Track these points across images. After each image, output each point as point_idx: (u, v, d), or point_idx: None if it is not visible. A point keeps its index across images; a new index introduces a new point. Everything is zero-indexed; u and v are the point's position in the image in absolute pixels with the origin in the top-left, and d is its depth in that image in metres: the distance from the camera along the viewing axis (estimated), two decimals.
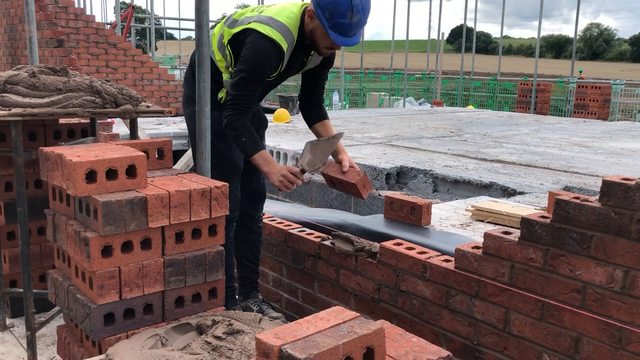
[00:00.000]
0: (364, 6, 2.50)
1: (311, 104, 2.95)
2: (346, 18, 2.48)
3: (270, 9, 2.67)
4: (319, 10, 2.51)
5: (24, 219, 2.57)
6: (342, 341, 1.31)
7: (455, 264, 2.34)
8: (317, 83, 2.93)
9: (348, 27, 2.51)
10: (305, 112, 2.98)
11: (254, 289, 3.07)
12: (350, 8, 2.47)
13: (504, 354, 2.21)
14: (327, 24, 2.51)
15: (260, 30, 2.56)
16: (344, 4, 2.46)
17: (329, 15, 2.49)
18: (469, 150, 7.41)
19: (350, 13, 2.47)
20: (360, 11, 2.49)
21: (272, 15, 2.62)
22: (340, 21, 2.49)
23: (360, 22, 2.53)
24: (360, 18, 2.51)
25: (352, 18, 2.49)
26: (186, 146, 8.08)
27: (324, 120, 2.95)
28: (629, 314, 1.86)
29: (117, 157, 2.05)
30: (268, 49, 2.55)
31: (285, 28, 2.59)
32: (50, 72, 2.66)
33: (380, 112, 14.38)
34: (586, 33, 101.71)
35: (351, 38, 2.56)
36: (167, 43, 31.54)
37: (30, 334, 2.63)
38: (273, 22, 2.59)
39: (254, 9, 2.75)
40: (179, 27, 36.74)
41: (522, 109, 16.99)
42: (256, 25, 2.58)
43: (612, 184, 1.86)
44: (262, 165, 2.67)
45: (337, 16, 2.48)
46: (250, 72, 2.58)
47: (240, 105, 2.62)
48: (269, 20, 2.59)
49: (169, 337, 2.01)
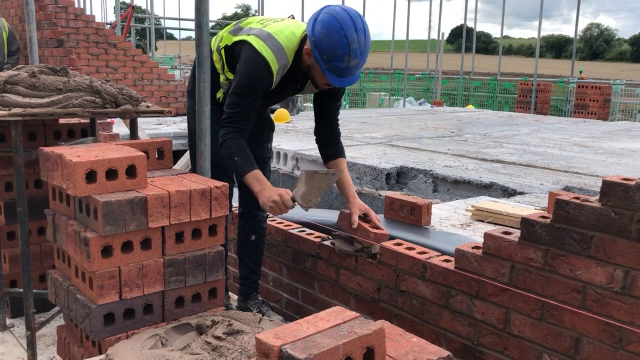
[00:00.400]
0: (362, 50, 2.44)
1: (325, 139, 2.86)
2: (344, 62, 2.43)
3: (274, 25, 2.62)
4: (316, 52, 2.45)
5: (24, 219, 2.57)
6: (342, 341, 1.31)
7: (455, 264, 2.34)
8: (326, 115, 2.84)
9: (346, 70, 2.46)
10: (319, 146, 2.90)
11: (255, 290, 3.06)
12: (348, 52, 2.41)
13: (504, 354, 2.21)
14: (324, 66, 2.46)
15: (254, 45, 2.52)
16: (341, 49, 2.40)
17: (326, 58, 2.44)
18: (469, 151, 7.41)
19: (348, 57, 2.42)
20: (358, 55, 2.43)
21: (273, 32, 2.57)
22: (337, 64, 2.44)
23: (358, 65, 2.47)
24: (358, 61, 2.45)
25: (349, 62, 2.44)
26: (186, 146, 8.09)
27: (339, 159, 2.84)
28: (629, 314, 1.86)
29: (117, 157, 2.05)
30: (260, 67, 2.51)
31: (281, 49, 2.53)
32: (50, 72, 2.66)
33: (380, 112, 14.38)
34: (586, 33, 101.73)
35: (349, 78, 2.51)
36: (167, 43, 31.54)
37: (30, 334, 2.63)
38: (270, 40, 2.54)
39: (261, 21, 2.70)
40: (179, 27, 36.79)
41: (522, 109, 16.99)
42: (253, 39, 2.55)
43: (612, 184, 1.86)
44: (253, 185, 2.58)
45: (334, 60, 2.43)
46: (244, 90, 2.54)
47: (235, 123, 2.56)
48: (266, 38, 2.54)
49: (169, 337, 2.01)
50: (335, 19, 2.42)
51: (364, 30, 2.44)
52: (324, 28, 2.43)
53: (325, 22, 2.43)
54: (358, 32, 2.42)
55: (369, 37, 2.48)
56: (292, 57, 2.57)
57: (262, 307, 2.98)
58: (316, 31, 2.45)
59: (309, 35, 2.48)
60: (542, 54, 75.68)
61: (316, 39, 2.44)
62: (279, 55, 2.53)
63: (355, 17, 2.44)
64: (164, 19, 27.20)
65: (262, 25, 2.64)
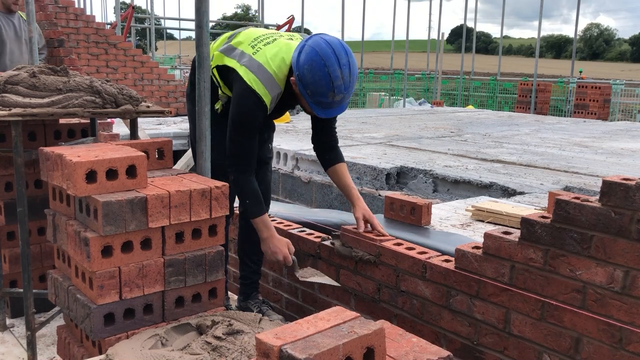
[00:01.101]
0: (346, 85, 2.41)
1: (323, 146, 2.86)
2: (328, 97, 2.42)
3: (265, 51, 2.56)
4: (301, 86, 2.44)
5: (24, 219, 2.57)
6: (342, 341, 1.31)
7: (456, 264, 2.34)
8: (324, 124, 2.83)
9: (331, 104, 2.46)
10: (318, 153, 2.90)
11: (255, 289, 3.06)
12: (332, 89, 2.39)
13: (504, 354, 2.21)
14: (309, 100, 2.46)
15: (245, 79, 2.51)
16: (325, 86, 2.39)
17: (310, 93, 2.43)
18: (469, 151, 7.41)
19: (332, 93, 2.41)
20: (342, 90, 2.41)
21: (263, 62, 2.53)
22: (322, 100, 2.44)
23: (343, 99, 2.46)
24: (343, 96, 2.44)
25: (334, 97, 2.42)
26: (186, 146, 8.09)
27: (338, 165, 2.83)
28: (629, 314, 1.86)
29: (117, 157, 2.05)
30: (252, 105, 2.51)
31: (272, 80, 2.52)
32: (51, 72, 2.66)
33: (380, 112, 14.38)
34: (586, 33, 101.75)
35: (336, 110, 2.51)
36: (167, 43, 31.55)
37: (30, 334, 2.63)
38: (261, 72, 2.51)
39: (253, 42, 2.63)
40: (179, 27, 36.78)
41: (522, 109, 16.99)
42: (244, 72, 2.52)
43: (612, 184, 1.86)
44: (261, 230, 2.66)
45: (318, 95, 2.42)
46: (241, 126, 2.56)
47: (241, 160, 2.60)
48: (257, 70, 2.51)
49: (169, 337, 2.01)
50: (318, 54, 2.38)
51: (348, 65, 2.40)
52: (306, 64, 2.40)
53: (308, 58, 2.40)
54: (342, 67, 2.38)
55: (354, 70, 2.44)
56: (284, 84, 2.55)
57: (262, 307, 2.98)
58: (300, 65, 2.42)
59: (294, 68, 2.46)
60: (542, 54, 75.68)
61: (300, 73, 2.43)
62: (271, 86, 2.52)
63: (339, 51, 2.40)
64: (164, 19, 27.21)
65: (253, 50, 2.58)
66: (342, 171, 2.84)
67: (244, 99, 2.53)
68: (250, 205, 2.64)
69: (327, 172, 2.89)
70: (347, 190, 2.82)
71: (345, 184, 2.82)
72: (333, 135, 2.87)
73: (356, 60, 2.50)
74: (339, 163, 2.85)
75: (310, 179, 6.52)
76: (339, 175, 2.84)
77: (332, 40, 2.44)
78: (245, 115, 2.54)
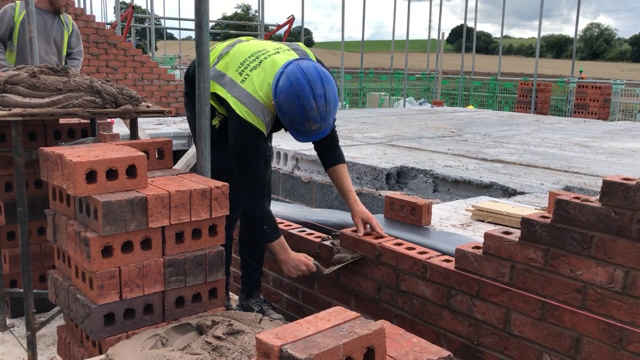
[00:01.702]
0: (322, 115, 2.42)
1: (323, 145, 2.86)
2: (304, 126, 2.44)
3: (253, 78, 2.55)
4: (279, 114, 2.47)
5: (24, 219, 2.57)
6: (342, 341, 1.31)
7: (456, 264, 2.34)
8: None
9: (309, 132, 2.47)
10: (318, 152, 2.90)
11: (256, 288, 3.07)
12: (307, 119, 2.41)
13: (505, 354, 2.20)
14: (288, 127, 2.50)
15: (237, 112, 2.53)
16: (300, 116, 2.40)
17: (288, 121, 2.46)
18: (469, 150, 7.41)
19: (308, 123, 2.42)
20: (318, 121, 2.42)
21: (251, 91, 2.53)
22: (299, 128, 2.46)
23: (321, 127, 2.47)
24: (320, 125, 2.45)
25: (310, 127, 2.44)
26: (186, 146, 8.08)
27: (338, 166, 2.84)
28: (630, 314, 1.86)
29: (118, 157, 2.05)
30: (249, 135, 2.55)
31: (263, 108, 2.54)
32: (51, 72, 2.66)
33: (380, 112, 14.38)
34: (586, 33, 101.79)
35: (315, 135, 2.52)
36: (167, 43, 31.54)
37: (30, 334, 2.63)
38: (251, 102, 2.52)
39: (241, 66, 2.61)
40: (179, 27, 36.78)
41: (523, 109, 16.99)
42: (234, 103, 2.54)
43: (612, 184, 1.86)
44: (279, 253, 2.72)
45: (295, 124, 2.45)
46: (243, 158, 2.61)
47: (253, 186, 2.64)
48: (247, 100, 2.53)
49: (169, 337, 2.01)
50: (293, 85, 2.39)
51: (323, 96, 2.40)
52: (282, 93, 2.42)
53: (283, 88, 2.41)
54: (317, 99, 2.38)
55: (331, 99, 2.43)
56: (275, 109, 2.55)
57: (263, 306, 2.98)
58: (277, 94, 2.45)
59: (272, 95, 2.48)
60: (542, 54, 75.69)
61: (277, 101, 2.45)
62: (263, 115, 2.55)
63: (314, 81, 2.39)
64: (164, 19, 27.16)
65: (240, 77, 2.58)
66: (341, 173, 2.84)
67: (240, 132, 2.57)
68: (267, 231, 2.69)
69: (327, 172, 2.89)
70: (345, 193, 2.83)
71: (343, 186, 2.82)
72: (332, 134, 2.86)
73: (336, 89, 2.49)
74: (339, 164, 2.85)
75: (310, 179, 6.52)
76: (338, 177, 2.84)
77: (308, 69, 2.42)
78: (245, 147, 2.59)
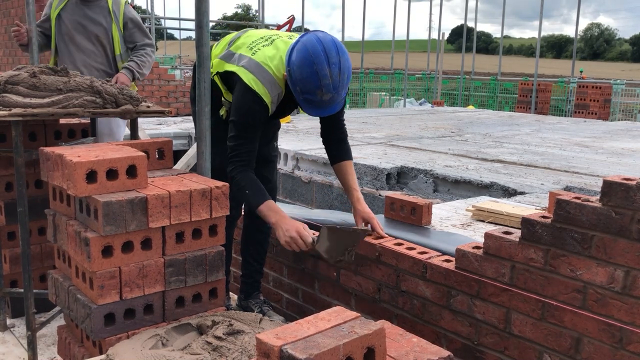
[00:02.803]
0: (335, 85, 2.37)
1: (330, 140, 2.84)
2: (316, 95, 2.39)
3: (264, 52, 2.56)
4: (290, 82, 2.43)
5: (24, 219, 2.57)
6: (342, 341, 1.31)
7: (456, 264, 2.34)
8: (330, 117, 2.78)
9: (320, 103, 2.42)
10: (326, 147, 2.88)
11: (256, 289, 3.07)
12: (320, 87, 2.36)
13: (505, 354, 2.20)
14: (298, 97, 2.44)
15: (244, 80, 2.50)
16: (313, 83, 2.36)
17: (299, 90, 2.41)
18: (469, 150, 7.41)
19: (320, 92, 2.38)
20: (331, 90, 2.37)
21: (262, 62, 2.52)
22: (310, 98, 2.41)
23: (333, 99, 2.41)
24: (332, 96, 2.40)
25: (322, 96, 2.39)
26: (186, 146, 8.08)
27: (344, 162, 2.79)
28: (630, 314, 1.86)
29: (118, 157, 2.05)
30: (252, 104, 2.50)
31: (272, 81, 2.51)
32: (51, 72, 2.66)
33: (380, 112, 14.38)
34: (587, 33, 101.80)
35: (326, 109, 2.47)
36: (167, 43, 31.52)
37: (30, 334, 2.63)
38: (260, 72, 2.51)
39: (251, 44, 2.63)
40: (179, 27, 36.78)
41: (523, 109, 16.99)
42: (242, 72, 2.52)
43: (612, 184, 1.86)
44: (269, 216, 2.52)
45: (307, 93, 2.40)
46: (241, 125, 2.55)
47: (240, 158, 2.57)
48: (256, 69, 2.51)
49: (169, 337, 2.01)
50: (308, 52, 2.37)
51: (338, 64, 2.37)
52: (297, 59, 2.39)
53: (298, 55, 2.39)
54: (331, 66, 2.35)
55: (345, 70, 2.40)
56: (285, 85, 2.54)
57: (263, 307, 2.98)
58: (291, 62, 2.42)
59: (286, 64, 2.45)
60: (543, 54, 75.69)
61: (290, 70, 2.42)
62: (271, 87, 2.51)
63: (330, 49, 2.37)
64: (164, 19, 27.17)
65: (251, 52, 2.58)
66: (346, 169, 2.80)
67: (243, 98, 2.53)
68: (252, 197, 2.56)
69: (333, 167, 2.86)
70: (349, 190, 2.80)
71: (348, 184, 2.79)
72: (340, 129, 2.83)
73: (350, 61, 2.45)
74: (346, 160, 2.82)
75: (310, 179, 6.52)
76: (343, 173, 2.81)
77: (325, 38, 2.42)
78: (245, 114, 2.53)
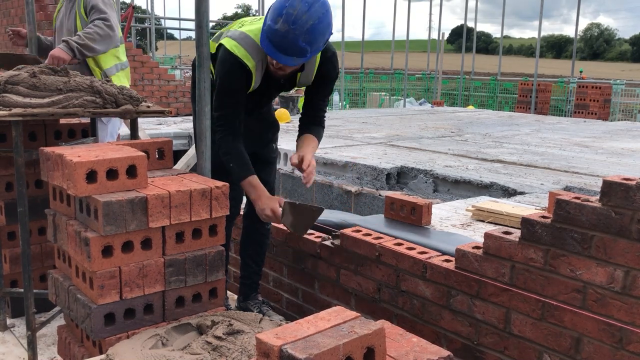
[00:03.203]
0: (295, 19, 2.36)
1: (304, 117, 2.87)
2: (275, 23, 2.40)
3: (251, 25, 2.64)
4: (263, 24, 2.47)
5: (24, 219, 2.57)
6: (342, 341, 1.31)
7: (456, 264, 2.34)
8: (311, 98, 2.84)
9: (274, 34, 2.41)
10: (299, 127, 2.91)
11: (255, 290, 3.06)
12: (281, 14, 2.38)
13: (505, 354, 2.21)
14: (263, 35, 2.46)
15: (226, 45, 2.55)
16: (278, 9, 2.40)
17: (267, 19, 2.45)
18: (469, 150, 7.41)
19: (279, 19, 2.39)
20: (289, 22, 2.37)
21: (246, 30, 2.59)
22: (270, 25, 2.42)
23: (287, 35, 2.39)
24: (287, 29, 2.38)
25: (278, 24, 2.39)
26: (186, 146, 8.08)
27: (304, 135, 2.82)
28: (630, 314, 1.86)
29: (118, 157, 2.05)
30: (231, 66, 2.53)
31: (255, 46, 2.54)
32: (51, 72, 2.66)
33: (380, 112, 14.38)
34: (586, 33, 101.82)
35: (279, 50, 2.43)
36: (167, 43, 31.55)
37: (30, 334, 2.63)
38: (242, 38, 2.56)
39: (241, 21, 2.74)
40: (179, 27, 36.72)
41: (523, 109, 16.99)
42: (226, 41, 2.58)
43: (612, 184, 1.86)
44: (249, 192, 2.64)
45: (270, 20, 2.43)
46: (222, 89, 2.57)
47: (225, 124, 2.60)
48: (239, 36, 2.57)
49: (169, 337, 2.01)
50: None
51: (309, 5, 2.37)
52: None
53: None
54: (302, 2, 2.37)
55: (311, 14, 2.38)
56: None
57: (262, 307, 2.98)
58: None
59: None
60: (543, 54, 75.68)
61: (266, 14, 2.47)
62: (253, 51, 2.55)
63: None
64: (164, 19, 27.19)
65: (239, 25, 2.66)
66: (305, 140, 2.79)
67: (224, 63, 2.56)
68: (236, 169, 2.62)
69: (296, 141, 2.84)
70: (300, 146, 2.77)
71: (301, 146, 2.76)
72: (317, 113, 2.85)
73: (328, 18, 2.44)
74: (306, 134, 2.81)
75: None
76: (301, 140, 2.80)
77: None
78: (226, 78, 2.56)
